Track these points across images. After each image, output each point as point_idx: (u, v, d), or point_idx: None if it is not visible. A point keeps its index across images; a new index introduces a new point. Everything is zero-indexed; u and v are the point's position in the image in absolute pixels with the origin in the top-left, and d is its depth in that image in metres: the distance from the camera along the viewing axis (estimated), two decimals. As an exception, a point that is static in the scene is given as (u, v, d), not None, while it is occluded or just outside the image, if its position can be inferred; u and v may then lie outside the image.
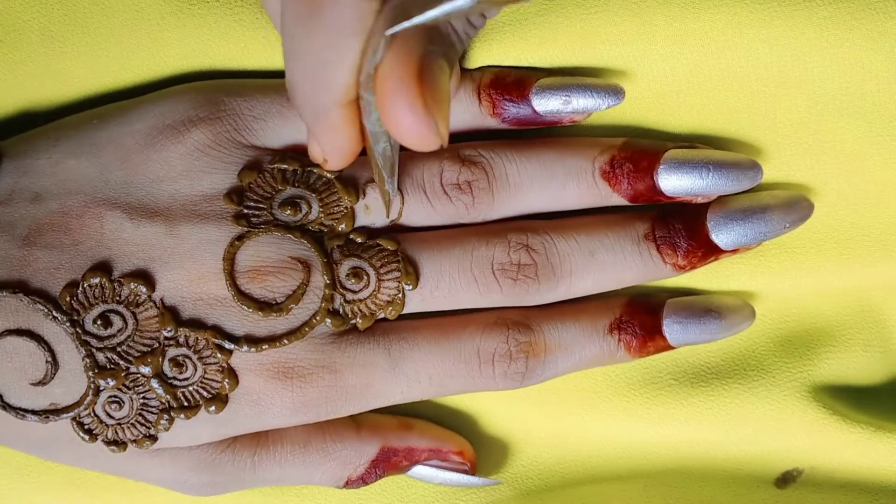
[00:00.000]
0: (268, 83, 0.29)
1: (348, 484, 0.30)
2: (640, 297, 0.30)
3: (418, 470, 0.31)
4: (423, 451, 0.31)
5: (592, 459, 0.32)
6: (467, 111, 0.29)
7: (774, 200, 0.29)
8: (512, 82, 0.28)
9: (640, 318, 0.30)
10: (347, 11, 0.21)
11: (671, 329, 0.29)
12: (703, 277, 0.31)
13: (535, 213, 0.29)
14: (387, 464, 0.30)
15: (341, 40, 0.22)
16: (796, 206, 0.29)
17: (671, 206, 0.29)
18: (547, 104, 0.28)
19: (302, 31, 0.22)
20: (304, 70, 0.23)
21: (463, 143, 0.29)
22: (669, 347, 0.30)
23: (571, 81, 0.28)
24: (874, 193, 0.30)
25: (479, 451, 0.32)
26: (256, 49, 0.29)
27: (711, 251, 0.29)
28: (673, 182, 0.28)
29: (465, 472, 0.31)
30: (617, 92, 0.28)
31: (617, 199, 0.29)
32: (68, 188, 0.28)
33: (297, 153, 0.28)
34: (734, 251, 0.29)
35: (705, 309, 0.30)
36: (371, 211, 0.28)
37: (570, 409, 0.32)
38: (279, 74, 0.30)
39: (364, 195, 0.28)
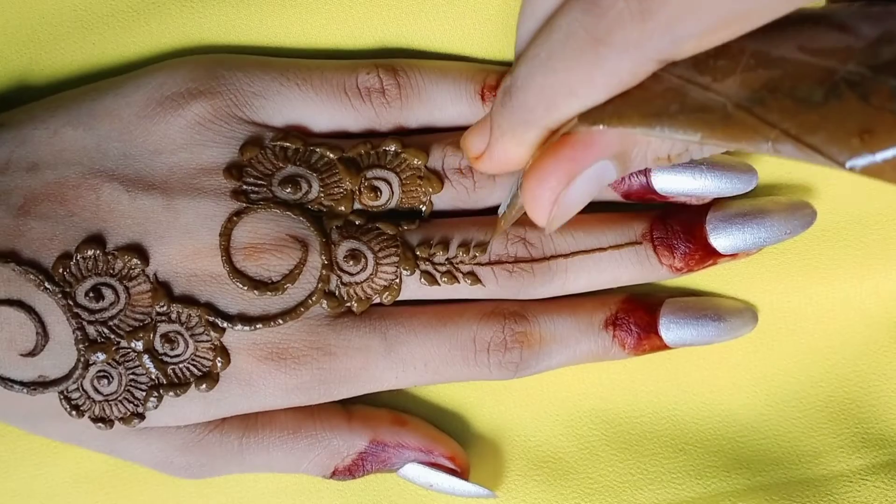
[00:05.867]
0: (268, 61, 0.29)
1: (335, 474, 0.30)
2: (638, 295, 0.30)
3: (407, 470, 0.30)
4: (414, 449, 0.30)
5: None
6: (469, 109, 0.29)
7: (775, 206, 0.29)
8: None
9: (636, 315, 0.29)
10: (625, 66, 0.20)
11: (667, 328, 0.29)
12: (721, 282, 0.31)
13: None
14: (375, 458, 0.30)
15: (599, 82, 0.20)
16: (798, 213, 0.29)
17: (671, 207, 0.29)
18: None
19: (569, 53, 0.20)
20: (548, 83, 0.21)
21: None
22: (666, 347, 0.30)
23: None
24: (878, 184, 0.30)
25: (470, 450, 0.32)
26: (253, 25, 0.29)
27: (709, 254, 0.29)
28: (666, 180, 0.28)
29: (457, 474, 0.30)
30: None
31: (610, 194, 0.29)
32: (65, 159, 0.27)
33: (299, 132, 0.28)
34: (733, 256, 0.29)
35: (703, 310, 0.30)
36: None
37: (559, 407, 0.32)
38: (275, 52, 0.30)
39: (365, 180, 0.28)
